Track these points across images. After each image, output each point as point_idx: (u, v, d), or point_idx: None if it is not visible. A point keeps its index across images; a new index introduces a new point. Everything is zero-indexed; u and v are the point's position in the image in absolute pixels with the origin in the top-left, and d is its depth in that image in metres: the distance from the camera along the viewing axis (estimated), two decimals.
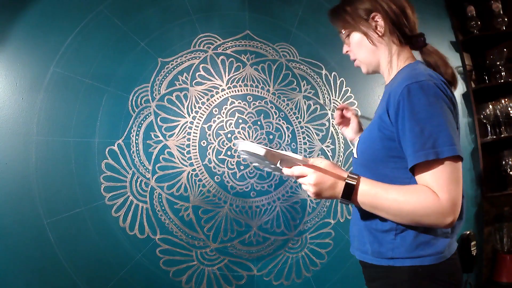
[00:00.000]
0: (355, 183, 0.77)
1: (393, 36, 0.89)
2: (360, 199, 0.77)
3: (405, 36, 0.90)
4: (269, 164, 0.82)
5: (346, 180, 0.77)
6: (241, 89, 1.55)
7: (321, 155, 1.66)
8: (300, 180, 0.80)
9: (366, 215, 0.84)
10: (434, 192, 0.71)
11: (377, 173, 0.81)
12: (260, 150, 0.75)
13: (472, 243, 1.83)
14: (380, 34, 0.88)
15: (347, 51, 0.97)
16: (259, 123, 1.57)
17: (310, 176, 0.77)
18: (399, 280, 0.79)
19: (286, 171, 0.80)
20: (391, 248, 0.80)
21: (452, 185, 0.71)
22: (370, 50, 0.91)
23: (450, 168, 0.71)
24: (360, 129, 1.12)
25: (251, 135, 1.55)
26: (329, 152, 1.69)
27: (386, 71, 0.92)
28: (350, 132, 1.13)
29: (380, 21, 0.88)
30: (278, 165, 0.79)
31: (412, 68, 0.83)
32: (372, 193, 0.76)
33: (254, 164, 0.89)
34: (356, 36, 0.91)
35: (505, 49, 1.99)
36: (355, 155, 0.90)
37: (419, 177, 0.74)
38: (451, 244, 0.81)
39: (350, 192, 0.77)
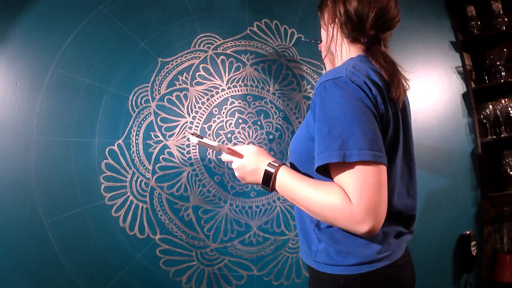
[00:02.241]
0: (273, 170, 0.76)
1: (342, 29, 0.85)
2: (277, 188, 0.76)
3: (355, 32, 0.84)
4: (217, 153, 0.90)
5: (265, 168, 0.77)
6: (241, 89, 1.55)
7: None
8: (230, 166, 0.85)
9: (299, 212, 0.84)
10: (347, 195, 0.65)
11: (304, 172, 0.79)
12: (194, 140, 0.82)
13: (472, 243, 1.83)
14: (328, 25, 0.88)
15: None
16: (259, 123, 1.57)
17: (234, 162, 0.83)
18: (323, 287, 0.75)
19: (222, 157, 0.88)
20: (315, 250, 0.78)
21: (369, 190, 0.63)
22: (325, 39, 0.92)
23: (364, 173, 0.64)
24: None
25: (251, 135, 1.55)
26: None
27: (329, 65, 0.93)
28: None
29: (327, 11, 0.88)
30: (218, 152, 0.88)
31: (343, 64, 0.78)
32: (288, 183, 0.74)
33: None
34: (322, 24, 0.93)
35: (505, 49, 1.99)
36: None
37: (335, 179, 0.69)
38: (386, 250, 0.73)
39: (268, 179, 0.76)
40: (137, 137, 1.37)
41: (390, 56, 0.81)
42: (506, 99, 1.96)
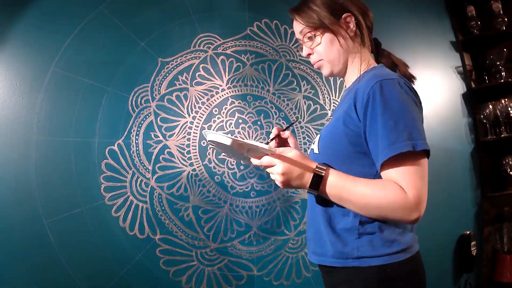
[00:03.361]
0: (323, 173, 0.76)
1: (358, 38, 0.92)
2: (328, 191, 0.77)
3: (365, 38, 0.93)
4: (238, 154, 0.84)
5: (314, 171, 0.77)
6: (241, 89, 1.55)
7: None
8: (268, 170, 0.80)
9: (327, 214, 0.82)
10: (402, 188, 0.71)
11: (341, 169, 0.79)
12: (226, 140, 0.75)
13: (472, 243, 1.83)
14: (351, 35, 0.90)
15: (308, 54, 0.95)
16: (259, 123, 1.57)
17: (278, 166, 0.77)
18: (368, 282, 0.76)
19: (254, 161, 0.80)
20: (356, 247, 0.78)
21: (419, 181, 0.71)
22: (339, 51, 0.91)
23: (418, 164, 0.72)
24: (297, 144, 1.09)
25: (251, 135, 1.55)
26: None
27: (350, 73, 0.93)
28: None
29: (352, 22, 0.90)
30: (246, 154, 0.80)
31: (379, 69, 0.85)
32: (340, 185, 0.76)
33: (223, 154, 0.90)
34: (327, 36, 0.90)
35: (505, 49, 1.99)
36: (316, 151, 0.88)
37: (385, 173, 0.74)
38: (415, 239, 0.82)
39: (318, 183, 0.76)
40: (137, 137, 1.37)
41: (394, 55, 0.96)
42: (506, 99, 1.96)
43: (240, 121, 1.53)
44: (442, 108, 1.94)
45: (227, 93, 1.53)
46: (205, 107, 1.49)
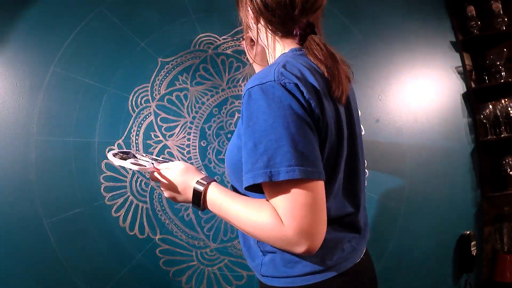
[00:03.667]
0: (202, 188, 0.70)
1: (271, 25, 0.75)
2: (210, 207, 0.70)
3: (284, 25, 0.74)
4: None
5: (194, 186, 0.71)
6: (241, 89, 1.55)
7: None
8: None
9: None
10: (279, 216, 0.59)
11: (239, 186, 0.73)
12: (117, 162, 0.77)
13: (472, 243, 1.83)
14: (253, 21, 0.77)
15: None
16: None
17: (161, 183, 0.76)
18: None
19: (150, 177, 0.80)
20: (259, 264, 0.73)
21: (301, 211, 0.57)
22: (251, 37, 0.82)
23: (296, 192, 0.58)
24: None
25: None
26: None
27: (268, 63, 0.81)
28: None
29: (249, 8, 0.76)
30: (142, 172, 0.82)
31: (273, 63, 0.69)
32: (218, 203, 0.68)
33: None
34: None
35: (505, 49, 1.98)
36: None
37: (267, 197, 0.62)
38: (339, 257, 0.68)
39: (198, 198, 0.70)
40: (137, 137, 1.37)
41: (327, 46, 0.71)
42: (506, 99, 1.96)
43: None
44: (442, 108, 1.94)
45: (227, 93, 1.53)
46: (205, 107, 1.49)
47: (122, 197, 1.32)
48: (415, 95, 1.87)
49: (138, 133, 1.37)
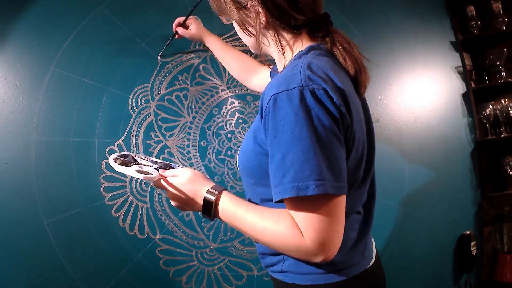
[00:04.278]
0: (213, 198, 0.68)
1: (281, 23, 0.70)
2: (222, 217, 0.68)
3: (297, 23, 0.70)
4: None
5: (204, 196, 0.69)
6: (241, 89, 1.55)
7: None
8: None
9: None
10: (296, 227, 0.59)
11: (255, 189, 0.72)
12: (120, 169, 0.75)
13: (472, 243, 1.83)
14: (262, 23, 0.70)
15: None
16: None
17: (167, 192, 0.73)
18: None
19: (153, 184, 0.77)
20: (282, 259, 0.70)
21: (322, 223, 0.57)
22: (252, 39, 0.75)
23: (319, 206, 0.57)
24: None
25: None
26: None
27: (278, 63, 0.77)
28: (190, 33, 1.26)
29: (259, 8, 0.70)
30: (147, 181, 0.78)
31: (293, 64, 0.65)
32: (231, 213, 0.67)
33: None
34: (235, 25, 0.78)
35: (505, 49, 1.98)
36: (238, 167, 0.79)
37: (288, 206, 0.61)
38: (360, 255, 0.70)
39: (209, 209, 0.68)
40: (137, 137, 1.37)
41: (348, 38, 0.69)
42: (506, 99, 1.96)
43: (240, 121, 1.53)
44: (442, 108, 1.94)
45: (227, 93, 1.53)
46: (205, 107, 1.49)
47: (122, 197, 1.32)
48: (415, 95, 1.87)
49: (138, 133, 1.37)
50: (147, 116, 1.39)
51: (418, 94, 1.89)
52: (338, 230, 0.59)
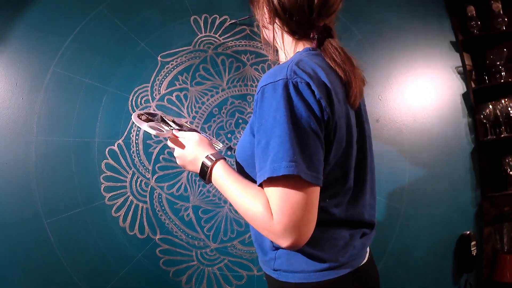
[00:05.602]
0: (210, 164, 0.73)
1: (288, 27, 0.75)
2: (213, 183, 0.73)
3: (301, 28, 0.75)
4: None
5: (203, 160, 0.74)
6: (241, 89, 1.55)
7: None
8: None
9: None
10: (268, 208, 0.61)
11: (248, 178, 0.74)
12: (137, 122, 0.81)
13: (472, 243, 1.83)
14: (268, 21, 0.77)
15: None
16: None
17: (175, 149, 0.81)
18: None
19: (168, 143, 0.85)
20: (273, 258, 0.72)
21: (292, 208, 0.58)
22: (265, 36, 0.83)
23: (290, 190, 0.58)
24: None
25: None
26: None
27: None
28: None
29: (266, 9, 0.77)
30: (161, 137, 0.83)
31: (288, 60, 0.69)
32: (220, 181, 0.71)
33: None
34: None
35: (505, 49, 1.99)
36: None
37: (264, 187, 0.63)
38: (352, 254, 0.70)
39: (204, 172, 0.74)
40: (137, 137, 1.37)
41: (344, 50, 0.73)
42: (506, 99, 1.96)
43: (240, 121, 1.53)
44: (442, 108, 1.94)
45: (227, 93, 1.53)
46: (205, 107, 1.49)
47: (122, 197, 1.32)
48: (415, 95, 1.87)
49: (138, 133, 1.37)
50: None
51: (418, 94, 1.89)
52: (308, 219, 0.60)
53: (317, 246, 0.67)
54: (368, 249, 0.79)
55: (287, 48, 0.78)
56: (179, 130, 0.84)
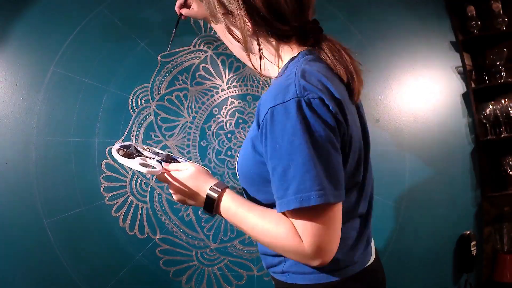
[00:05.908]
0: (216, 195, 0.69)
1: (267, 32, 0.69)
2: (223, 215, 0.70)
3: (283, 32, 0.69)
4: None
5: (207, 193, 0.70)
6: (241, 89, 1.55)
7: None
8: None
9: None
10: (296, 231, 0.60)
11: (256, 196, 0.73)
12: (123, 161, 0.75)
13: (472, 243, 1.83)
14: (249, 31, 0.68)
15: None
16: None
17: (170, 185, 0.75)
18: None
19: (157, 178, 0.77)
20: (284, 259, 0.71)
21: (320, 229, 0.59)
22: (237, 45, 0.73)
23: (319, 213, 0.59)
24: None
25: None
26: None
27: (271, 69, 0.75)
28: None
29: (245, 18, 0.67)
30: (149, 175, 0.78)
31: (290, 73, 0.63)
32: (232, 211, 0.68)
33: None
34: (218, 28, 0.78)
35: (505, 49, 1.99)
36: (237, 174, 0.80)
37: (288, 214, 0.63)
38: (360, 253, 0.71)
39: (211, 206, 0.70)
40: (137, 137, 1.37)
41: (339, 43, 0.68)
42: (506, 99, 1.96)
43: (240, 121, 1.53)
44: (442, 108, 1.94)
45: (227, 93, 1.53)
46: (205, 107, 1.49)
47: (122, 197, 1.32)
48: (415, 95, 1.87)
49: (138, 133, 1.37)
50: (147, 116, 1.39)
51: (418, 94, 1.89)
52: (335, 235, 0.61)
53: None
54: (374, 249, 0.79)
55: (276, 54, 0.71)
56: (165, 161, 0.78)
